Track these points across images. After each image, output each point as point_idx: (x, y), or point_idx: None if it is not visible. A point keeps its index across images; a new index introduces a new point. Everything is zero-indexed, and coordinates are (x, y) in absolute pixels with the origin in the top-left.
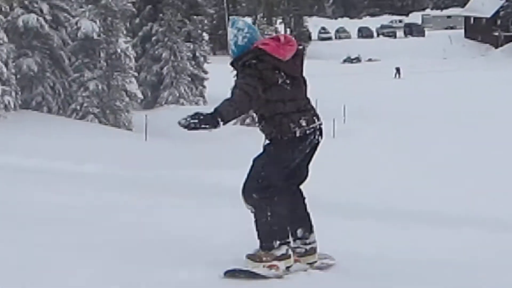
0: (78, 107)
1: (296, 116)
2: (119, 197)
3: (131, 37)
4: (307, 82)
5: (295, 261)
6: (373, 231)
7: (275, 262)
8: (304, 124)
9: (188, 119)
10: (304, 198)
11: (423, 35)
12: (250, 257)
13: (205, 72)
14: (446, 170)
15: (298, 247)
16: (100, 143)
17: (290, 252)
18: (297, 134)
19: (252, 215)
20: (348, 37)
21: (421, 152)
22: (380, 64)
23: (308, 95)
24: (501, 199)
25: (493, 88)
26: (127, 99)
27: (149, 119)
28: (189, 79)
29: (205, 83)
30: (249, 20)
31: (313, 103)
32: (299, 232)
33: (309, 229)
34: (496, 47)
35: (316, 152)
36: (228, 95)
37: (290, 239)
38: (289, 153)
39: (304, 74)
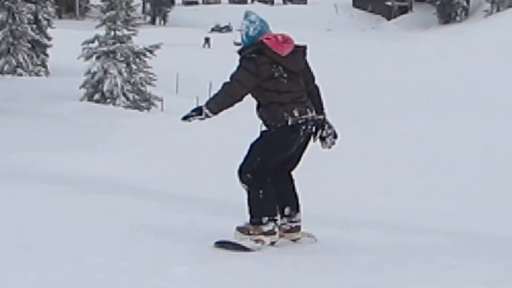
0: None
1: (290, 106)
2: None
3: None
4: (315, 76)
5: (280, 236)
6: None
7: (261, 237)
8: (296, 114)
9: (187, 114)
10: (293, 180)
11: (305, 2)
12: (240, 229)
13: (49, 39)
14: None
15: (284, 224)
16: None
17: (276, 229)
18: (289, 123)
19: (245, 192)
20: (218, 2)
21: None
22: None
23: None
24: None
25: (385, 68)
26: None
27: None
28: (29, 45)
29: (48, 51)
30: None
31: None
32: (287, 210)
33: (296, 208)
34: (389, 19)
35: None
36: (225, 80)
37: (278, 217)
38: (283, 141)
39: (312, 71)
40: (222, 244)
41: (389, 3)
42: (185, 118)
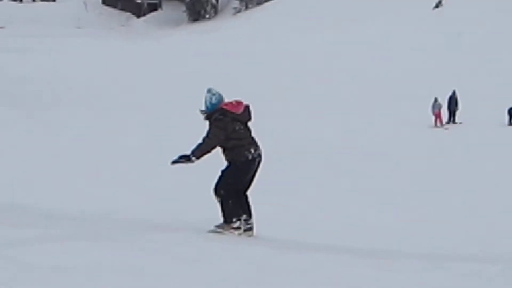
0: None
1: (247, 147)
2: None
3: None
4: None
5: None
6: None
7: (232, 230)
8: (252, 151)
9: (175, 159)
10: (248, 196)
11: (54, 0)
12: (218, 226)
13: None
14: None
15: (242, 226)
16: None
17: (241, 225)
18: (249, 158)
19: (218, 204)
20: None
21: None
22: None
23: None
24: None
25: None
26: None
27: None
28: None
29: None
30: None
31: None
32: (244, 216)
33: (250, 215)
34: (139, 16)
35: None
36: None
37: (242, 217)
38: (246, 170)
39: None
40: (214, 231)
41: (138, 1)
42: (174, 162)
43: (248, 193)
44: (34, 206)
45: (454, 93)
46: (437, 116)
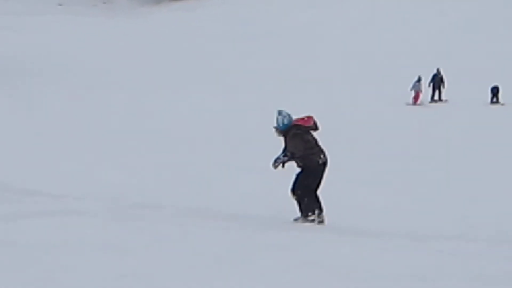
0: None
1: (318, 154)
2: None
3: None
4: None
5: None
6: None
7: (307, 223)
8: (322, 157)
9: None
10: (317, 194)
11: None
12: (296, 219)
13: None
14: None
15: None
16: None
17: (315, 218)
18: (320, 162)
19: (295, 202)
20: None
21: None
22: None
23: None
24: None
25: (113, 41)
26: None
27: None
28: None
29: None
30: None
31: None
32: (317, 211)
33: (321, 209)
34: None
35: None
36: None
37: (316, 212)
38: (316, 173)
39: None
40: (296, 221)
41: None
42: (275, 162)
43: (318, 191)
44: (14, 183)
45: (438, 71)
46: (416, 95)
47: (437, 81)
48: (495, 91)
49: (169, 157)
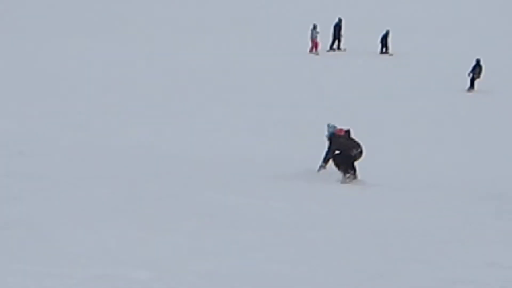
0: None
1: (351, 149)
2: None
3: None
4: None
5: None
6: None
7: (345, 179)
8: (354, 151)
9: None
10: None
11: None
12: (340, 179)
13: None
14: None
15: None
16: None
17: (351, 175)
18: (352, 154)
19: (337, 170)
20: None
21: None
22: None
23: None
24: None
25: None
26: None
27: None
28: None
29: None
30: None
31: None
32: (351, 171)
33: (355, 170)
34: None
35: None
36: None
37: (351, 172)
38: (349, 159)
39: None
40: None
41: None
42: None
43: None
44: None
45: (339, 19)
46: (315, 43)
47: (336, 31)
48: (384, 41)
49: (56, 106)
